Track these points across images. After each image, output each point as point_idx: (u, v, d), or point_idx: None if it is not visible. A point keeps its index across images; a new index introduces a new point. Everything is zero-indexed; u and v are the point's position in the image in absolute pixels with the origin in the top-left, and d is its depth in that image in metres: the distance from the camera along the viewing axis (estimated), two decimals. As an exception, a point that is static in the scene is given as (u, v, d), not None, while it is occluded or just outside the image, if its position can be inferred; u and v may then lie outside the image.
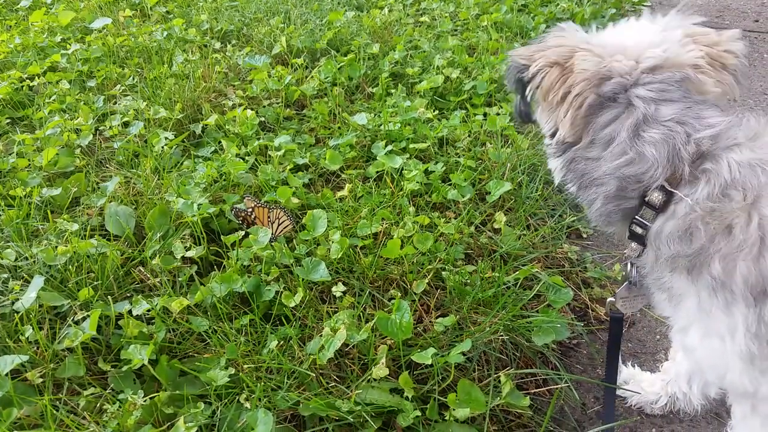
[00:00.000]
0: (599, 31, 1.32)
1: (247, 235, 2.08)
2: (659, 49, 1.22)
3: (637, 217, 1.22)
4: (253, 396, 1.58)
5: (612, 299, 1.52)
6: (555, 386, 1.78)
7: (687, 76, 1.21)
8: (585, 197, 1.30)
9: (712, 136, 1.15)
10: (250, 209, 2.16)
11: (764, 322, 1.09)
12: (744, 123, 1.18)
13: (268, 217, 2.16)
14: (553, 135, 1.30)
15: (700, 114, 1.18)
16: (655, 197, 1.17)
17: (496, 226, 2.29)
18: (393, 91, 3.16)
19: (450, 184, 2.46)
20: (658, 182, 1.16)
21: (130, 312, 1.80)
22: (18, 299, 1.82)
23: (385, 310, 1.86)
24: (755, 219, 1.07)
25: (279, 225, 2.17)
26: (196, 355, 1.76)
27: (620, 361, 1.88)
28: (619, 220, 1.28)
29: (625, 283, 1.48)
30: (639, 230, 1.24)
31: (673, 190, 1.16)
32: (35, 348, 1.73)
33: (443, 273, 2.01)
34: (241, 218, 2.18)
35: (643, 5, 5.03)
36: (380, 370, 1.63)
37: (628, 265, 1.44)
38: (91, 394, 1.62)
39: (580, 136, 1.25)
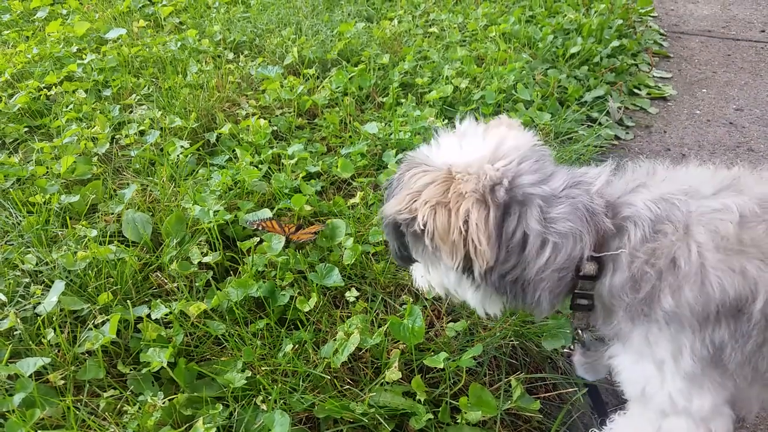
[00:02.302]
0: (437, 147, 1.31)
1: (261, 241, 2.12)
2: (509, 144, 1.25)
3: (577, 290, 1.22)
4: (270, 398, 1.62)
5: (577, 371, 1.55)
6: (564, 390, 1.81)
7: (542, 151, 1.27)
8: (528, 301, 1.25)
9: (604, 183, 1.21)
10: (257, 222, 2.20)
11: (705, 345, 1.13)
12: (628, 168, 1.25)
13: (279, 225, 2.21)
14: (464, 270, 1.24)
15: (577, 172, 1.24)
16: (589, 268, 1.18)
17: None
18: (403, 100, 3.21)
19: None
20: (587, 252, 1.16)
21: (148, 316, 1.85)
22: (39, 303, 1.87)
23: (397, 315, 1.90)
24: (694, 248, 1.10)
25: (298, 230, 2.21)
26: (213, 358, 1.80)
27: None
28: (563, 299, 1.27)
29: (580, 350, 1.49)
30: (585, 302, 1.24)
31: (601, 254, 1.16)
32: (57, 351, 1.77)
33: (454, 279, 2.04)
34: (255, 226, 2.23)
35: (650, 16, 5.07)
36: (393, 373, 1.66)
37: (579, 332, 1.41)
38: (111, 395, 1.66)
39: (496, 255, 1.19)
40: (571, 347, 1.54)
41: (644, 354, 1.22)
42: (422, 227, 1.19)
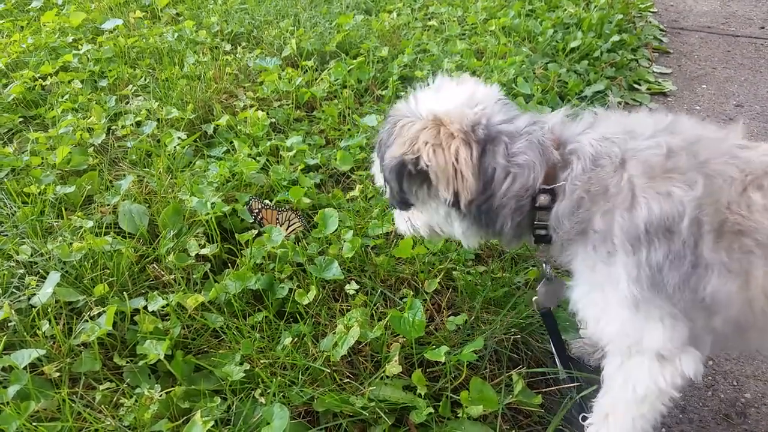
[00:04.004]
0: (416, 101, 1.46)
1: (260, 233, 2.10)
2: (482, 92, 1.44)
3: (536, 222, 1.37)
4: (269, 391, 1.60)
5: (536, 297, 1.68)
6: (565, 385, 1.79)
7: (508, 100, 1.47)
8: (496, 228, 1.41)
9: (558, 122, 1.39)
10: (257, 210, 2.19)
11: (642, 267, 1.23)
12: (582, 114, 1.42)
13: (277, 219, 2.19)
14: (454, 204, 1.39)
15: (537, 115, 1.44)
16: (542, 199, 1.33)
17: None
18: (402, 93, 3.18)
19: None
20: (539, 183, 1.32)
21: (145, 308, 1.82)
22: (34, 294, 1.85)
23: (398, 308, 1.88)
24: (625, 177, 1.25)
25: (289, 226, 2.20)
26: (211, 350, 1.78)
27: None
28: (526, 229, 1.41)
29: (543, 281, 1.65)
30: (543, 232, 1.39)
31: (551, 186, 1.32)
32: (52, 342, 1.75)
33: (454, 273, 2.03)
34: (255, 212, 2.21)
35: (650, 11, 5.06)
36: (393, 367, 1.65)
37: (543, 265, 1.62)
38: (107, 388, 1.65)
39: (477, 187, 1.36)
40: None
41: (591, 282, 1.35)
42: (427, 164, 1.34)
